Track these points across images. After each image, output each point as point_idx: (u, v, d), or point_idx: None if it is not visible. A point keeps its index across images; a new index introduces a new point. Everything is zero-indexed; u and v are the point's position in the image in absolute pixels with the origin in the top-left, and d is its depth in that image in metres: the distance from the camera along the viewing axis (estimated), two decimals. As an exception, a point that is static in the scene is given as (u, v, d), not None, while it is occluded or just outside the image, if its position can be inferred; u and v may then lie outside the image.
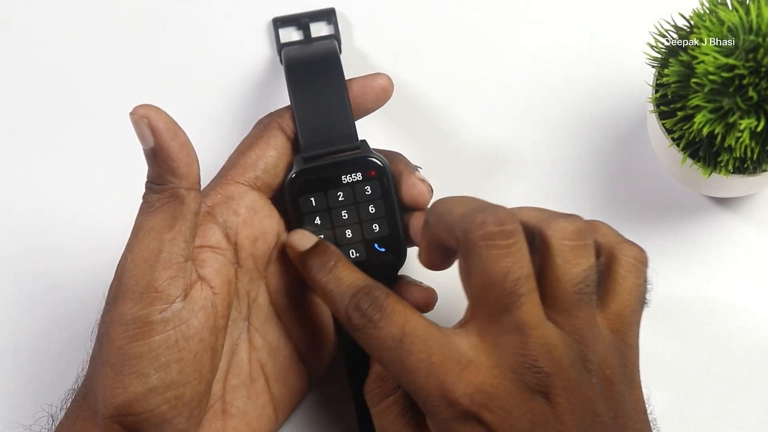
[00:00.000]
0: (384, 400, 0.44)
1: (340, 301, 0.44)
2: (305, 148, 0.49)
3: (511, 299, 0.40)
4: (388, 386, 0.44)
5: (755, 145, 0.46)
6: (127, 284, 0.44)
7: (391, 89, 0.51)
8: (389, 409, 0.44)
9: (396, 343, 0.41)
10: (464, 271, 0.42)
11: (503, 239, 0.41)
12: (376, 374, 0.45)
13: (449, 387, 0.40)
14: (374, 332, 0.42)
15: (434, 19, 0.58)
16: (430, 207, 0.45)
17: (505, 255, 0.40)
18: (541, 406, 0.40)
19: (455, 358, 0.40)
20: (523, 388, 0.40)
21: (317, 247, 0.47)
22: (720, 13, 0.46)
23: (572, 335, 0.41)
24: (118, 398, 0.44)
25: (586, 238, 0.42)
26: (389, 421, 0.44)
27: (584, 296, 0.41)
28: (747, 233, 0.54)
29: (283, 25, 0.57)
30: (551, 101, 0.57)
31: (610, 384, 0.42)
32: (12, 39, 0.59)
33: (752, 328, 0.54)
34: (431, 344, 0.41)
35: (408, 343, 0.41)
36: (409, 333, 0.41)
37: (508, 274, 0.40)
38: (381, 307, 0.42)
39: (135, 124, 0.44)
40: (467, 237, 0.41)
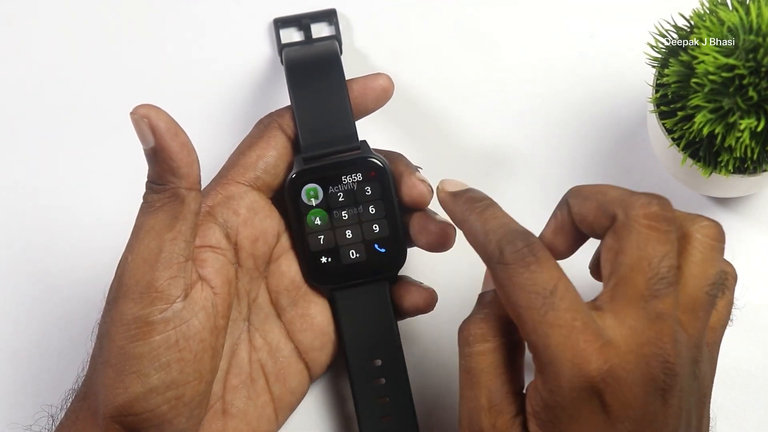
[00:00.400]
0: (484, 343, 0.42)
1: (492, 234, 0.41)
2: (305, 149, 0.49)
3: (660, 285, 0.39)
4: (493, 331, 0.43)
5: (755, 145, 0.46)
6: (127, 284, 0.44)
7: (391, 89, 0.51)
8: (488, 353, 0.42)
9: (545, 292, 0.39)
10: (613, 250, 0.40)
11: (665, 224, 0.40)
12: (482, 317, 0.43)
13: (586, 356, 0.39)
14: (525, 272, 0.40)
15: (435, 19, 0.58)
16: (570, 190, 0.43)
17: (665, 240, 0.40)
18: (656, 403, 0.39)
19: (597, 332, 0.39)
20: (651, 381, 0.39)
21: (470, 190, 0.45)
22: (720, 13, 0.46)
23: (693, 338, 0.41)
24: (118, 398, 0.44)
25: (723, 243, 0.42)
26: (482, 366, 0.42)
27: (711, 299, 0.41)
28: (747, 233, 0.55)
29: (284, 25, 0.57)
30: (551, 101, 0.57)
31: (704, 396, 0.42)
32: (13, 39, 0.59)
33: (752, 328, 0.53)
34: (578, 308, 0.39)
35: (558, 297, 0.39)
36: (561, 288, 0.39)
37: (664, 259, 0.40)
38: (537, 253, 0.40)
39: (135, 123, 0.44)
40: (629, 214, 0.40)
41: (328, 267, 0.50)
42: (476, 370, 0.42)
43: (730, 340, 0.53)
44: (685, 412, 0.40)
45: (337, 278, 0.50)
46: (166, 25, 0.58)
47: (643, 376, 0.39)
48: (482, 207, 0.43)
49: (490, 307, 0.43)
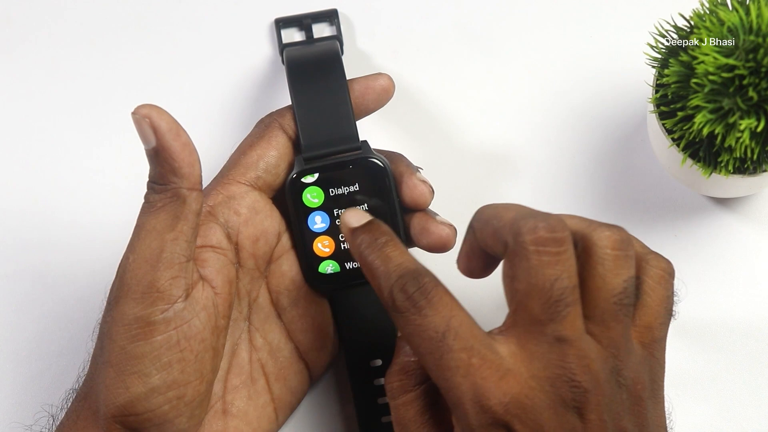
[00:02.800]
0: (405, 395, 0.43)
1: (385, 280, 0.41)
2: (306, 149, 0.49)
3: (556, 308, 0.39)
4: (412, 380, 0.43)
5: (755, 145, 0.46)
6: (128, 284, 0.44)
7: (392, 89, 0.51)
8: (411, 404, 0.43)
9: (438, 336, 0.40)
10: (509, 277, 0.41)
11: (554, 246, 0.40)
12: (399, 366, 0.43)
13: (485, 393, 0.39)
14: (417, 319, 0.40)
15: (435, 20, 0.58)
16: (476, 212, 0.43)
17: (554, 262, 0.40)
18: (573, 422, 0.39)
19: (495, 364, 0.39)
20: (559, 402, 0.39)
21: (370, 224, 0.44)
22: (720, 14, 0.46)
23: (608, 348, 0.41)
24: (119, 398, 0.44)
25: (629, 250, 0.41)
26: (409, 416, 0.43)
27: (623, 308, 0.41)
28: (747, 233, 0.55)
29: (285, 25, 0.57)
30: (551, 101, 0.57)
31: (639, 400, 0.41)
32: (14, 38, 0.59)
33: (752, 328, 0.54)
34: (473, 345, 0.39)
35: (450, 338, 0.39)
36: (453, 328, 0.40)
37: (556, 282, 0.39)
38: (428, 295, 0.40)
39: (137, 123, 0.44)
40: (517, 240, 0.40)
41: (328, 267, 0.50)
42: (404, 421, 0.43)
43: (730, 340, 0.53)
44: (611, 423, 0.40)
45: (338, 278, 0.50)
46: (167, 25, 0.58)
47: (549, 399, 0.39)
48: (379, 246, 0.43)
49: (408, 355, 0.43)
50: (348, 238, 0.45)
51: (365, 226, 0.44)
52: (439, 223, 0.49)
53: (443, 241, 0.49)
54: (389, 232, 0.44)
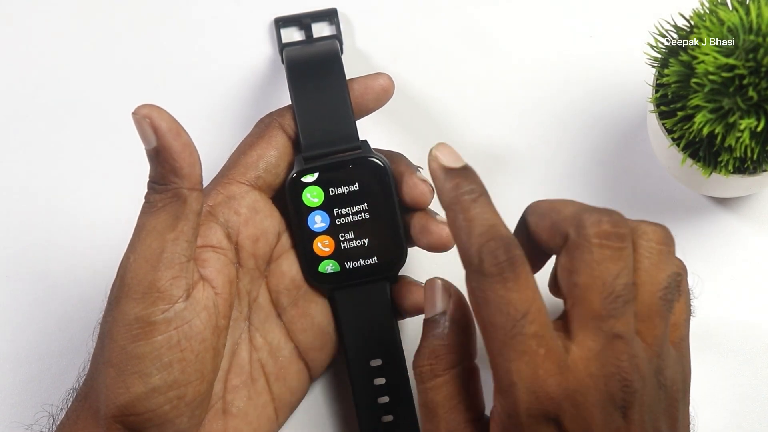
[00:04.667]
0: (435, 378, 0.42)
1: (475, 238, 0.40)
2: (306, 148, 0.49)
3: (616, 305, 0.39)
4: (442, 364, 0.42)
5: (755, 145, 0.46)
6: (129, 284, 0.44)
7: (392, 89, 0.51)
8: (441, 387, 0.42)
9: (516, 315, 0.39)
10: (567, 270, 0.40)
11: (617, 241, 0.39)
12: (430, 349, 0.43)
13: (543, 384, 0.38)
14: (500, 289, 0.39)
15: (435, 19, 0.58)
16: (529, 207, 0.43)
17: (617, 258, 0.39)
18: (618, 421, 0.39)
19: (558, 358, 0.39)
20: (609, 400, 0.39)
21: (465, 170, 0.42)
22: (720, 13, 0.46)
23: (652, 347, 0.40)
24: (120, 398, 0.44)
25: (672, 246, 0.42)
26: (438, 400, 0.42)
27: (666, 303, 0.41)
28: (747, 233, 0.55)
29: (284, 25, 0.57)
30: (551, 101, 0.57)
31: (674, 401, 0.41)
32: (13, 39, 0.59)
33: (752, 328, 0.54)
34: (544, 334, 0.39)
35: (528, 322, 0.39)
36: (532, 312, 0.39)
37: (618, 278, 0.39)
38: (517, 269, 0.39)
39: (137, 123, 0.44)
40: (580, 233, 0.40)
41: (328, 267, 0.50)
42: (432, 404, 0.42)
43: (730, 340, 0.53)
44: (649, 424, 0.40)
45: (338, 278, 0.50)
46: (167, 25, 0.58)
47: (601, 397, 0.39)
48: (470, 200, 0.41)
49: (438, 338, 0.43)
50: (437, 177, 0.42)
51: (460, 171, 0.42)
52: (440, 222, 0.49)
53: (444, 241, 0.49)
54: (483, 186, 0.41)
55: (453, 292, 0.44)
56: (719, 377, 0.53)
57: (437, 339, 0.43)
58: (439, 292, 0.43)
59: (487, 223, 0.40)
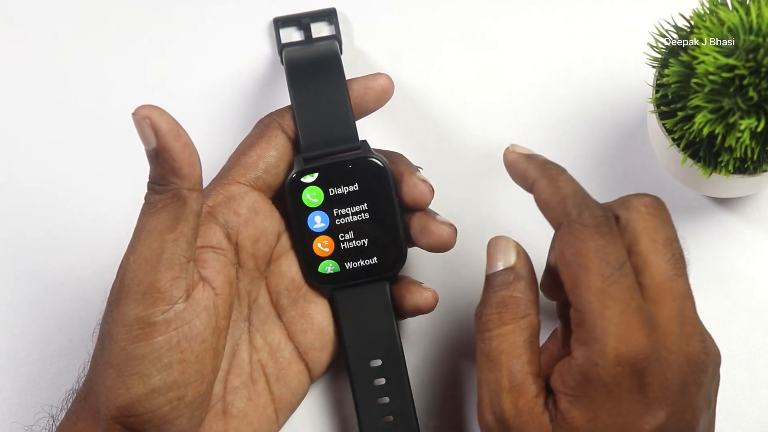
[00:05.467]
0: (503, 326, 0.43)
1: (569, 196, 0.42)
2: (306, 149, 0.49)
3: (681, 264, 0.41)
4: (510, 314, 0.43)
5: (755, 145, 0.46)
6: (129, 285, 0.44)
7: (391, 89, 0.51)
8: (507, 335, 0.43)
9: (616, 264, 0.40)
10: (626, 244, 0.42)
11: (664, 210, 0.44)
12: (498, 300, 0.44)
13: (634, 337, 0.39)
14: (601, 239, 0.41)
15: (435, 19, 0.58)
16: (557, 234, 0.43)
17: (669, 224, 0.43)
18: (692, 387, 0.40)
19: (647, 313, 0.40)
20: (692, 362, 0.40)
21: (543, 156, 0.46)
22: (720, 14, 0.46)
23: None
24: (120, 399, 0.44)
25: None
26: (503, 348, 0.43)
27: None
28: (747, 233, 0.55)
29: (283, 25, 0.57)
30: (551, 101, 0.57)
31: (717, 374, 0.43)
32: (12, 39, 0.59)
33: (752, 328, 0.54)
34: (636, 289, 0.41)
35: (625, 273, 0.40)
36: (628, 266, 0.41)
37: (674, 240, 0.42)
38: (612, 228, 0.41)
39: (137, 124, 0.44)
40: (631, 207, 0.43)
41: (328, 267, 0.50)
42: (496, 352, 0.43)
43: (731, 340, 0.53)
44: (707, 395, 0.41)
45: (338, 278, 0.50)
46: (166, 26, 0.58)
47: (685, 358, 0.40)
48: (557, 171, 0.44)
49: (506, 288, 0.44)
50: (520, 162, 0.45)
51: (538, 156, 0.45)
52: (440, 222, 0.49)
53: (444, 241, 0.49)
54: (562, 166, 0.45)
55: (520, 249, 0.45)
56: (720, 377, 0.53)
57: (504, 289, 0.44)
58: (506, 248, 0.45)
59: (578, 188, 0.43)
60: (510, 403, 0.42)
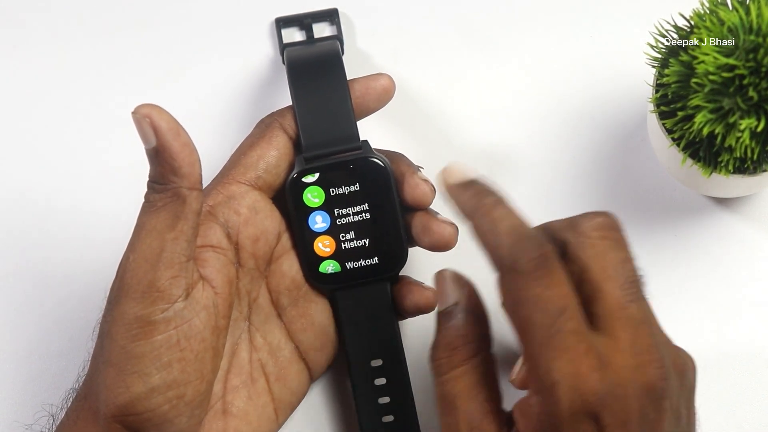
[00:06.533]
0: (453, 370, 0.42)
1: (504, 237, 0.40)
2: (307, 148, 0.49)
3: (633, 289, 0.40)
4: (460, 356, 0.42)
5: (755, 145, 0.46)
6: (129, 284, 0.44)
7: (393, 89, 0.51)
8: (459, 378, 0.42)
9: (555, 312, 0.38)
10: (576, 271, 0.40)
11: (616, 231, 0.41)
12: (446, 341, 0.43)
13: (585, 381, 0.38)
14: (537, 286, 0.39)
15: (436, 20, 0.58)
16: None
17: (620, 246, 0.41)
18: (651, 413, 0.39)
19: (598, 354, 0.39)
20: (649, 390, 0.39)
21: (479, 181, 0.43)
22: (720, 13, 0.46)
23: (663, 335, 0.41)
24: (120, 398, 0.44)
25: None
26: (456, 391, 0.42)
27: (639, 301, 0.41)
28: (747, 233, 0.55)
29: (285, 25, 0.57)
30: (551, 101, 0.57)
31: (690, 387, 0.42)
32: (13, 39, 0.59)
33: (752, 328, 0.54)
34: (582, 330, 0.39)
35: (566, 318, 0.38)
36: (570, 309, 0.39)
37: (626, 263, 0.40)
38: (550, 266, 0.39)
39: (137, 123, 0.44)
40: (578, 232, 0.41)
41: (328, 267, 0.50)
42: (451, 396, 0.42)
43: (731, 340, 0.53)
44: (673, 412, 0.40)
45: (338, 278, 0.50)
46: (168, 25, 0.58)
47: (642, 388, 0.39)
48: (491, 204, 0.41)
49: (454, 328, 0.43)
50: (454, 194, 0.43)
51: (474, 182, 0.43)
52: (441, 221, 0.49)
53: (446, 240, 0.49)
54: (500, 191, 0.42)
55: (464, 283, 0.44)
56: (719, 377, 0.53)
57: (453, 330, 0.43)
58: (451, 283, 0.43)
59: (514, 223, 0.40)
60: None
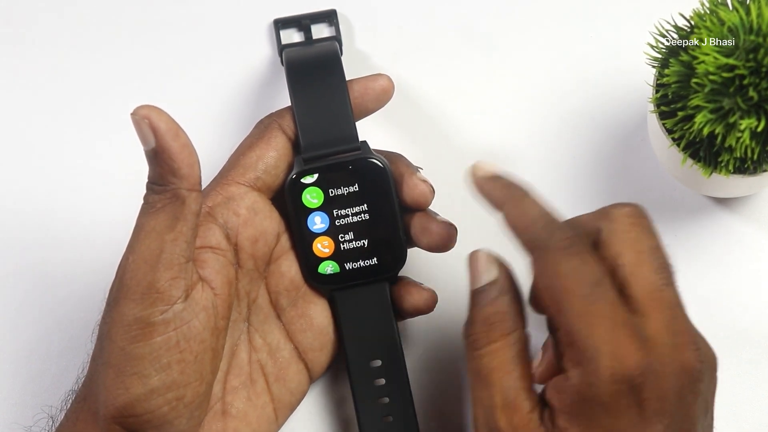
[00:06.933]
0: (491, 344, 0.42)
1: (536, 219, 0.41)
2: (306, 149, 0.49)
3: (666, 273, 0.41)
4: (498, 330, 0.43)
5: (755, 145, 0.46)
6: (128, 285, 0.44)
7: (391, 90, 0.51)
8: (496, 353, 0.42)
9: (594, 281, 0.39)
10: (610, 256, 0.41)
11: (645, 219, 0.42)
12: (483, 317, 0.43)
13: (627, 352, 0.39)
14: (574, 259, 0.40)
15: (435, 20, 0.58)
16: None
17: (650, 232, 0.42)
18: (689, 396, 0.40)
19: (637, 329, 0.39)
20: (687, 372, 0.39)
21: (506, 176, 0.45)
22: (720, 13, 0.46)
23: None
24: (119, 399, 0.44)
25: None
26: (493, 365, 0.42)
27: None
28: (747, 233, 0.54)
29: (284, 26, 0.57)
30: (551, 101, 0.57)
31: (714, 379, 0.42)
32: (12, 39, 0.59)
33: (752, 328, 0.54)
34: (620, 304, 0.40)
35: (604, 289, 0.39)
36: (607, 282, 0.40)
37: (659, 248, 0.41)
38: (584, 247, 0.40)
39: (136, 124, 0.43)
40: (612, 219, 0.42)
41: (327, 268, 0.50)
42: (487, 370, 0.42)
43: (731, 340, 0.53)
44: (704, 400, 0.41)
45: (337, 279, 0.50)
46: (166, 26, 0.58)
47: (680, 368, 0.40)
48: (521, 194, 0.43)
49: (491, 305, 0.43)
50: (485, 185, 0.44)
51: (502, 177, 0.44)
52: (440, 222, 0.49)
53: (444, 241, 0.49)
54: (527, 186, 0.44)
55: (501, 263, 0.44)
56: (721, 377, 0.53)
57: (491, 306, 0.43)
58: (486, 263, 0.44)
59: (544, 209, 0.42)
60: (505, 420, 0.41)
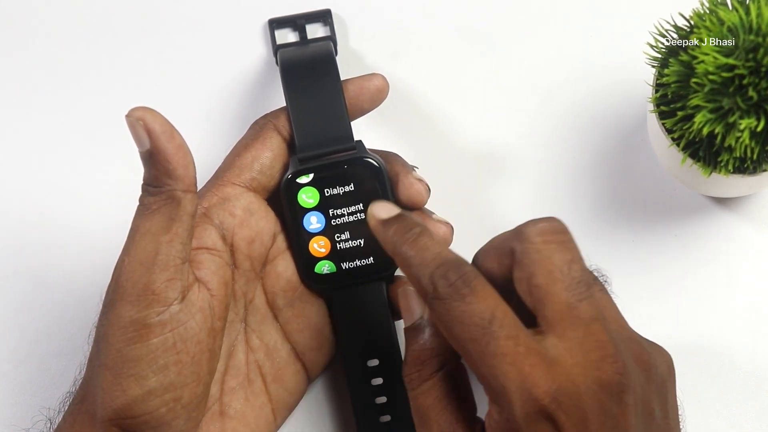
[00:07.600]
0: (423, 383, 0.43)
1: (423, 268, 0.41)
2: (301, 149, 0.49)
3: (580, 289, 0.40)
4: (428, 369, 0.43)
5: (755, 144, 0.46)
6: (124, 287, 0.44)
7: (386, 89, 0.51)
8: (429, 391, 0.43)
9: (484, 322, 0.39)
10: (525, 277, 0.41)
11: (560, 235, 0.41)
12: (414, 356, 0.43)
13: (533, 381, 0.39)
14: (460, 305, 0.40)
15: (431, 19, 0.58)
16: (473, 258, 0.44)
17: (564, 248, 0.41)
18: (613, 408, 0.39)
19: (540, 353, 0.39)
20: (605, 386, 0.39)
21: (401, 216, 0.44)
22: (720, 13, 0.46)
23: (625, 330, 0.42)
24: (116, 401, 0.44)
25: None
26: (428, 404, 0.42)
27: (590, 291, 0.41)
28: (747, 233, 0.54)
29: (279, 26, 0.57)
30: (551, 101, 0.57)
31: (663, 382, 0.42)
32: (14, 39, 0.59)
33: (752, 329, 0.53)
34: (519, 334, 0.39)
35: (497, 325, 0.39)
36: (498, 317, 0.39)
37: (572, 264, 0.41)
38: (471, 283, 0.40)
39: (131, 126, 0.43)
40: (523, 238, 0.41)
41: (324, 267, 0.50)
42: (423, 409, 0.43)
43: (731, 340, 0.53)
44: (641, 407, 0.40)
45: (334, 279, 0.50)
46: (161, 26, 0.58)
47: (596, 384, 0.39)
48: (413, 236, 0.42)
49: (418, 343, 0.43)
50: (377, 230, 0.44)
51: (396, 219, 0.44)
52: (436, 221, 0.49)
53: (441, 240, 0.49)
54: (421, 225, 0.43)
55: None
56: (718, 378, 0.53)
57: (420, 345, 0.43)
58: (415, 299, 0.44)
59: (434, 251, 0.42)
60: None
